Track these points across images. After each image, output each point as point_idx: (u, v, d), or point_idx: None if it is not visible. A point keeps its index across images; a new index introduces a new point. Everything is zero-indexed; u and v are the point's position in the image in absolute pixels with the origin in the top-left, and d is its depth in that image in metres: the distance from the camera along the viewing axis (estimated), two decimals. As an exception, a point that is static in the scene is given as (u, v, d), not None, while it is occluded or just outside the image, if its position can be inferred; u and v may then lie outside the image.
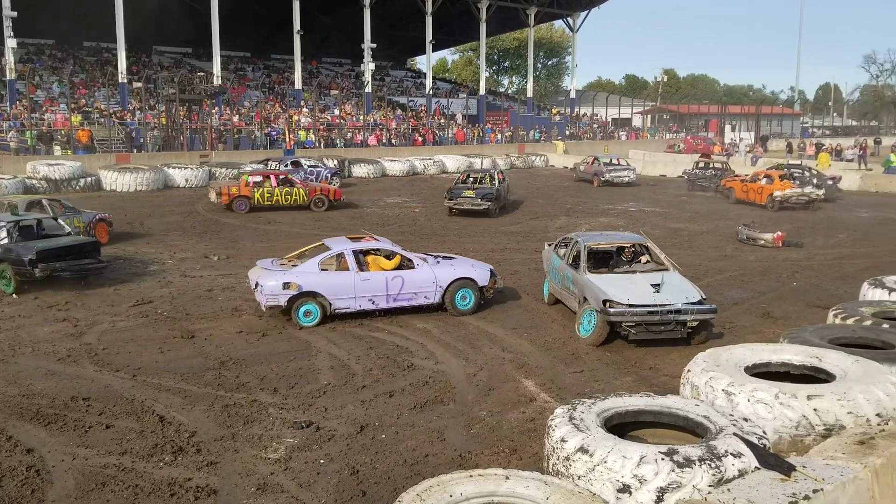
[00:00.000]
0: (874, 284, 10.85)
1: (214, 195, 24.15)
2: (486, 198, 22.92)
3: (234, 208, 23.41)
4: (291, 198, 24.12)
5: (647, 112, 74.00)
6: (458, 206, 23.04)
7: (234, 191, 23.72)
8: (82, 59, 48.32)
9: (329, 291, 11.52)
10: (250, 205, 23.60)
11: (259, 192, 23.75)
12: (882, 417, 6.39)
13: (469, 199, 23.03)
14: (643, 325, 10.26)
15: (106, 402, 8.37)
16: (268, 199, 23.88)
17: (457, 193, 23.35)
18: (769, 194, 25.79)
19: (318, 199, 24.39)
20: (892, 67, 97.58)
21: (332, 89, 52.46)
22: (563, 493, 4.89)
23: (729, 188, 28.45)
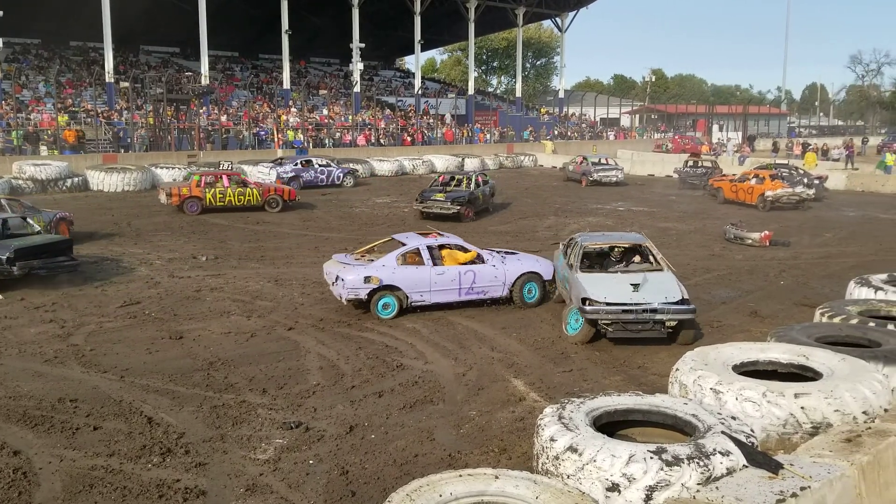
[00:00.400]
0: (860, 283, 10.93)
1: (164, 196, 23.36)
2: (457, 201, 22.04)
3: (186, 210, 22.76)
4: (245, 198, 23.54)
5: (635, 112, 74.24)
6: (427, 209, 22.25)
7: (185, 192, 23.04)
8: (69, 58, 48.03)
9: (406, 285, 11.98)
10: (202, 206, 22.90)
11: (211, 193, 23.07)
12: (868, 415, 6.44)
13: (438, 202, 22.22)
14: (620, 324, 10.36)
15: (93, 403, 8.33)
16: (220, 200, 23.20)
17: (427, 196, 22.69)
18: (760, 194, 25.73)
19: (271, 200, 23.90)
20: (878, 68, 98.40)
21: (321, 89, 52.35)
22: (552, 492, 4.90)
23: (717, 188, 28.35)
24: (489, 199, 24.43)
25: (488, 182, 25.06)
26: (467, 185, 23.66)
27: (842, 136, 65.82)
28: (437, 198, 22.35)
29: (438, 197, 22.39)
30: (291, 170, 30.62)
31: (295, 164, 31.21)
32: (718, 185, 28.46)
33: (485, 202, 23.95)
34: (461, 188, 23.46)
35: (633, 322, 10.31)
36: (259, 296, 13.32)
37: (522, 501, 4.86)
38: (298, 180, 30.01)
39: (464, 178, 24.27)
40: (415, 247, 12.43)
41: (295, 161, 31.69)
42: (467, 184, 23.72)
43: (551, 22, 66.34)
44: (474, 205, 22.87)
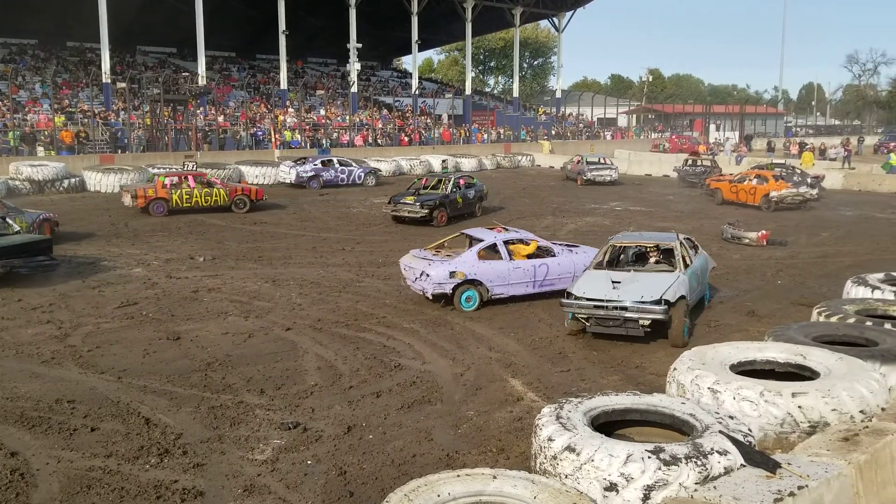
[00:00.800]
0: (857, 282, 10.94)
1: (129, 198, 22.81)
2: (426, 205, 21.10)
3: (151, 211, 22.51)
4: (211, 199, 23.36)
5: (632, 112, 74.31)
6: (396, 212, 21.53)
7: (151, 193, 22.76)
8: (65, 59, 47.97)
9: (487, 279, 12.51)
10: (168, 207, 22.72)
11: (177, 194, 22.89)
12: (865, 414, 6.45)
13: (407, 205, 21.31)
14: (594, 319, 10.60)
15: (91, 404, 8.32)
16: (186, 201, 23.02)
17: (397, 199, 21.86)
18: (765, 195, 25.25)
19: (238, 200, 23.74)
20: (875, 67, 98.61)
21: (318, 89, 52.35)
22: (550, 491, 4.90)
23: (715, 189, 27.84)
24: (474, 203, 23.26)
25: (473, 185, 23.84)
26: (443, 187, 22.59)
27: (839, 135, 65.91)
28: (406, 201, 21.53)
29: (408, 200, 21.53)
30: (311, 169, 30.96)
31: (315, 163, 31.60)
32: (716, 185, 28.03)
33: (467, 206, 22.81)
34: (436, 191, 22.57)
35: (604, 318, 10.53)
36: (257, 296, 13.32)
37: (520, 501, 4.86)
38: (318, 179, 30.61)
39: (445, 180, 23.14)
40: (492, 242, 12.96)
41: (315, 161, 32.06)
42: (444, 186, 22.64)
43: (548, 22, 66.45)
44: (449, 209, 21.80)
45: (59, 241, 18.17)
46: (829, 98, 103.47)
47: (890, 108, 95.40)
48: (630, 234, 13.35)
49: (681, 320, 10.51)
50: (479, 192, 23.69)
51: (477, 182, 24.30)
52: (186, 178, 23.75)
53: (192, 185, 23.32)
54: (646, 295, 10.42)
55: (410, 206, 21.26)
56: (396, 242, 18.78)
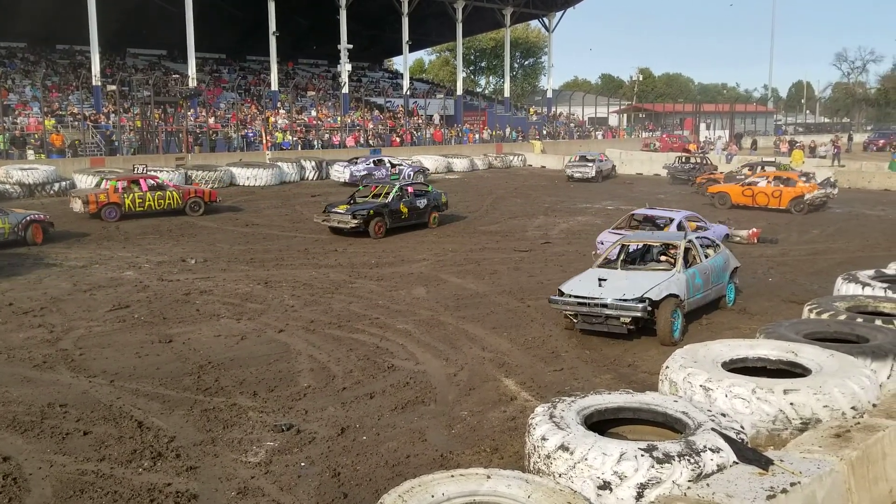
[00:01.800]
0: (848, 279, 11.00)
1: (80, 204, 22.08)
2: (358, 215, 19.16)
3: (104, 217, 21.90)
4: (165, 202, 23.01)
5: (623, 111, 74.49)
6: (327, 222, 19.75)
7: (103, 198, 22.11)
8: (55, 62, 47.76)
9: None
10: (121, 212, 22.15)
11: (129, 198, 22.37)
12: (857, 410, 6.48)
13: (338, 215, 19.46)
14: (581, 316, 10.78)
15: (83, 408, 8.29)
16: (139, 206, 22.52)
17: (330, 209, 19.98)
18: (795, 197, 23.78)
19: (193, 203, 23.46)
20: (863, 65, 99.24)
21: (309, 90, 52.27)
22: (544, 490, 4.91)
23: (720, 194, 25.61)
24: (426, 213, 21.12)
25: (426, 193, 21.58)
26: (385, 195, 20.51)
27: (828, 133, 66.21)
28: (338, 210, 19.64)
29: (340, 209, 19.62)
30: (364, 168, 31.95)
31: (368, 162, 32.64)
32: (720, 189, 25.82)
33: (416, 216, 20.77)
34: (377, 200, 20.44)
35: (588, 315, 10.69)
36: (249, 298, 13.29)
37: (514, 501, 4.87)
38: (371, 178, 30.60)
39: (394, 187, 20.87)
40: (679, 219, 15.26)
41: (367, 160, 33.08)
42: (385, 194, 20.58)
43: (539, 22, 66.53)
44: (389, 219, 19.87)
45: (50, 244, 18.16)
46: (818, 96, 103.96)
47: (879, 105, 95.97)
48: (641, 233, 13.41)
49: (667, 319, 10.53)
50: (433, 200, 21.48)
51: (433, 190, 22.11)
52: (138, 181, 23.27)
53: (144, 188, 22.89)
54: (627, 293, 10.52)
55: (341, 216, 19.40)
56: (388, 244, 18.78)
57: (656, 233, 14.10)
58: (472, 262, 16.42)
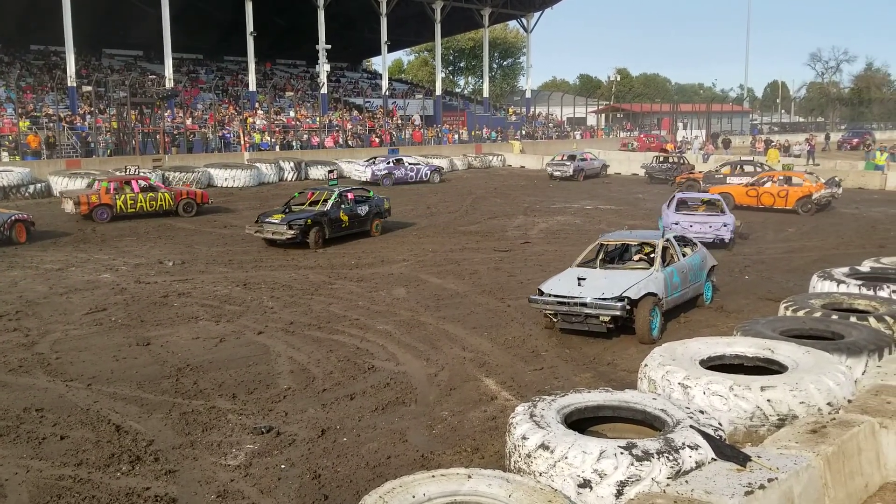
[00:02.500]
0: (823, 277, 11.12)
1: (71, 205, 22.09)
2: (295, 225, 17.66)
3: (95, 218, 21.86)
4: (157, 203, 23.06)
5: (601, 111, 74.81)
6: (260, 233, 18.09)
7: (94, 199, 22.07)
8: (30, 62, 47.21)
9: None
10: (112, 213, 22.17)
11: (121, 199, 22.37)
12: (833, 406, 6.56)
13: (272, 225, 17.79)
14: (560, 316, 10.83)
15: (60, 412, 8.20)
16: (131, 207, 22.51)
17: (263, 219, 18.27)
18: (802, 197, 23.35)
19: (186, 204, 23.51)
20: (837, 65, 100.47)
21: (287, 91, 52.04)
22: (525, 489, 4.92)
23: (723, 195, 23.15)
24: (368, 220, 19.80)
25: (368, 199, 20.15)
26: (323, 202, 19.05)
27: (803, 132, 66.94)
28: (272, 220, 17.94)
29: (274, 219, 17.94)
30: (385, 168, 33.19)
31: (388, 162, 33.81)
32: (722, 190, 24.50)
33: (357, 224, 19.42)
34: (314, 207, 19.05)
35: (567, 314, 10.74)
36: (227, 300, 13.21)
37: (495, 500, 4.88)
38: (391, 177, 32.81)
39: (332, 195, 19.22)
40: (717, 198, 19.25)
41: (387, 160, 34.27)
42: (324, 201, 19.09)
43: (517, 22, 66.70)
44: (328, 228, 18.43)
45: (25, 247, 17.95)
46: (793, 96, 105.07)
47: (852, 105, 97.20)
48: (619, 233, 13.44)
49: (646, 317, 10.60)
50: (375, 207, 20.13)
51: (374, 196, 20.63)
52: (129, 182, 23.24)
53: (136, 189, 22.85)
54: (606, 292, 10.59)
55: (276, 227, 17.74)
56: (367, 244, 18.74)
57: (634, 232, 14.19)
58: (452, 263, 16.43)
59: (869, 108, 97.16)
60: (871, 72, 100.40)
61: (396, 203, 27.01)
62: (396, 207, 25.73)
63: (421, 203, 27.11)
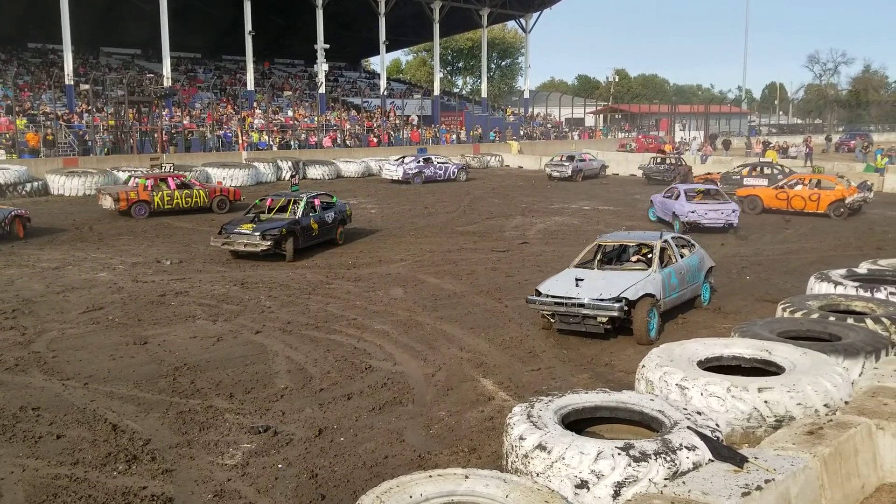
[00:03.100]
0: (820, 278, 11.13)
1: (110, 201, 22.68)
2: (269, 235, 16.25)
3: (133, 214, 22.45)
4: (192, 200, 23.71)
5: (599, 112, 74.88)
6: (228, 245, 16.48)
7: (133, 195, 22.71)
8: (27, 60, 47.13)
9: None
10: (150, 209, 22.79)
11: (158, 196, 23.05)
12: (830, 408, 6.57)
13: (243, 236, 16.29)
14: (558, 316, 10.83)
15: (56, 411, 8.18)
16: (168, 203, 23.15)
17: (230, 229, 16.67)
18: (835, 200, 22.94)
19: (220, 201, 24.18)
20: (835, 67, 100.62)
21: (286, 90, 52.01)
22: (522, 490, 4.92)
23: (750, 197, 24.42)
24: (334, 228, 18.58)
25: (333, 205, 19.01)
26: (292, 210, 17.79)
27: (801, 134, 67.04)
28: (242, 230, 16.44)
29: (244, 229, 16.44)
30: (415, 166, 34.29)
31: (418, 161, 34.93)
32: (750, 193, 24.62)
33: (325, 232, 18.18)
34: (284, 215, 17.76)
35: (565, 315, 10.74)
36: (225, 299, 13.20)
37: (493, 500, 4.88)
38: (421, 175, 34.00)
39: (299, 201, 17.97)
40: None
41: (417, 158, 35.42)
42: (293, 209, 17.81)
43: (515, 23, 66.73)
44: (301, 238, 17.10)
45: (24, 246, 17.92)
46: (791, 97, 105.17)
47: (850, 107, 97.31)
48: (617, 234, 13.46)
49: (644, 318, 10.60)
50: (339, 213, 18.97)
51: (338, 202, 19.51)
52: (166, 179, 23.82)
53: (172, 186, 23.45)
54: (604, 293, 10.59)
55: (247, 238, 16.26)
56: (366, 243, 18.74)
57: (633, 233, 14.20)
58: (449, 263, 16.42)
59: (867, 110, 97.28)
60: (868, 74, 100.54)
61: (396, 203, 27.09)
62: (395, 207, 25.84)
63: (418, 203, 27.11)
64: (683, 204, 20.59)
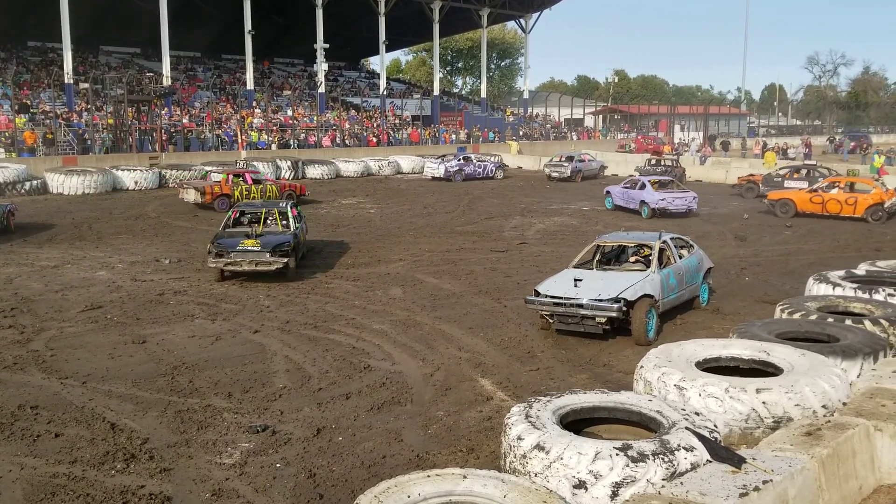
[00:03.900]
0: (819, 280, 11.13)
1: (193, 194, 24.24)
2: (279, 251, 14.37)
3: (216, 207, 23.73)
4: (266, 194, 25.04)
5: (598, 112, 74.92)
6: (233, 266, 14.32)
7: (217, 189, 24.36)
8: (26, 59, 47.09)
9: None
10: (230, 202, 23.49)
11: (238, 190, 24.42)
12: (828, 409, 6.57)
13: (252, 253, 14.27)
14: (557, 317, 10.84)
15: (55, 409, 8.18)
16: (245, 197, 24.29)
17: (229, 246, 14.41)
18: (874, 204, 22.26)
19: (289, 195, 25.15)
20: (834, 68, 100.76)
21: (285, 90, 52.00)
22: (520, 490, 4.93)
23: (782, 201, 23.84)
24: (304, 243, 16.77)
25: (302, 215, 17.31)
26: (282, 221, 15.79)
27: (800, 135, 67.08)
28: (247, 247, 14.35)
29: (249, 245, 14.39)
30: (456, 164, 35.97)
31: (458, 159, 36.64)
32: (782, 196, 24.05)
33: (304, 243, 16.65)
34: (274, 228, 15.68)
35: (564, 315, 10.75)
36: (224, 298, 13.19)
37: (491, 500, 4.88)
38: (462, 173, 35.53)
39: (273, 211, 16.14)
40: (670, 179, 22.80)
41: (458, 157, 37.23)
42: (282, 220, 15.83)
43: (515, 23, 66.73)
44: (298, 250, 15.39)
45: (22, 245, 17.91)
46: (790, 99, 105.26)
47: (849, 108, 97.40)
48: (616, 234, 13.48)
49: (642, 319, 10.60)
50: (305, 224, 17.43)
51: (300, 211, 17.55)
52: (243, 175, 25.67)
53: (248, 181, 25.11)
54: (603, 293, 10.59)
55: (258, 255, 14.29)
56: (366, 243, 18.74)
57: (631, 233, 14.21)
58: (448, 263, 16.42)
59: (866, 111, 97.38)
60: (868, 75, 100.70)
61: (395, 203, 27.07)
62: (394, 207, 25.84)
63: (417, 203, 27.11)
64: (652, 193, 23.45)
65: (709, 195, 28.32)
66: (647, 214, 23.11)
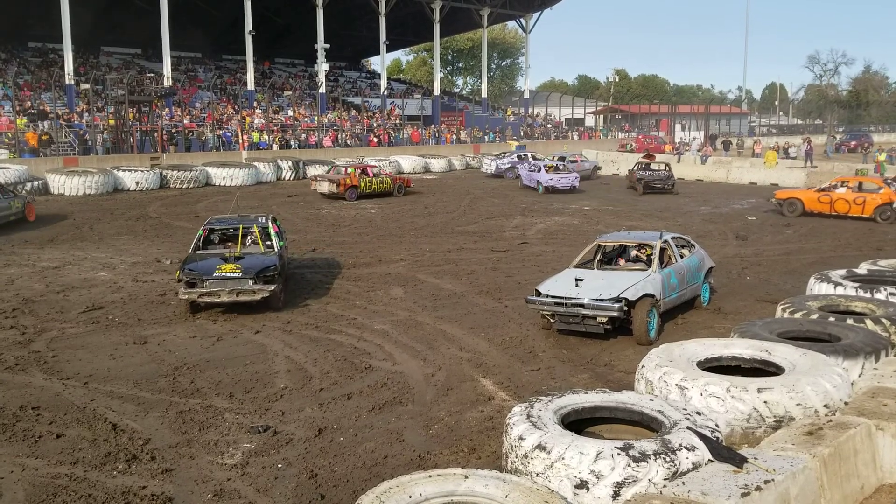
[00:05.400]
0: (820, 279, 11.13)
1: (327, 185, 27.55)
2: (265, 276, 12.15)
3: (347, 197, 27.21)
4: (383, 186, 28.73)
5: (599, 112, 74.88)
6: (209, 297, 11.90)
7: (348, 181, 27.59)
8: (27, 59, 47.10)
9: None
10: (357, 193, 27.53)
11: (363, 182, 27.95)
12: (829, 408, 6.57)
13: (232, 281, 11.98)
14: (558, 317, 10.85)
15: (56, 410, 8.18)
16: (368, 188, 27.99)
17: (204, 272, 12.06)
18: (882, 204, 22.11)
19: (399, 187, 29.19)
20: (835, 68, 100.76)
21: (286, 90, 51.99)
22: (521, 490, 4.93)
23: (790, 200, 23.71)
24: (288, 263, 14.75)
25: (281, 232, 14.49)
26: (264, 240, 13.52)
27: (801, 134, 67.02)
28: (225, 272, 12.04)
29: (228, 271, 12.07)
30: (509, 162, 37.57)
31: (512, 157, 38.26)
32: (791, 195, 24.02)
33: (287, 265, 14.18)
34: (254, 250, 13.26)
35: (565, 315, 10.76)
36: (225, 299, 13.17)
37: (492, 500, 4.88)
38: (514, 170, 36.18)
39: (252, 227, 13.74)
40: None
41: (513, 154, 38.90)
42: (263, 238, 13.55)
43: (516, 23, 66.73)
44: (283, 273, 13.10)
45: (24, 246, 17.92)
46: (791, 98, 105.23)
47: (850, 107, 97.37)
48: (617, 234, 13.46)
49: (643, 318, 10.60)
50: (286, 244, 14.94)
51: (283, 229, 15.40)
52: (365, 169, 28.96)
53: (370, 174, 28.53)
54: (604, 293, 10.59)
55: (237, 282, 11.99)
56: (366, 243, 18.74)
57: (632, 233, 14.21)
58: (449, 263, 16.42)
59: (867, 110, 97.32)
60: (869, 74, 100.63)
61: (395, 203, 27.05)
62: (395, 207, 25.79)
63: (418, 203, 27.11)
64: (544, 175, 30.38)
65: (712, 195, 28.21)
66: (541, 191, 30.05)
